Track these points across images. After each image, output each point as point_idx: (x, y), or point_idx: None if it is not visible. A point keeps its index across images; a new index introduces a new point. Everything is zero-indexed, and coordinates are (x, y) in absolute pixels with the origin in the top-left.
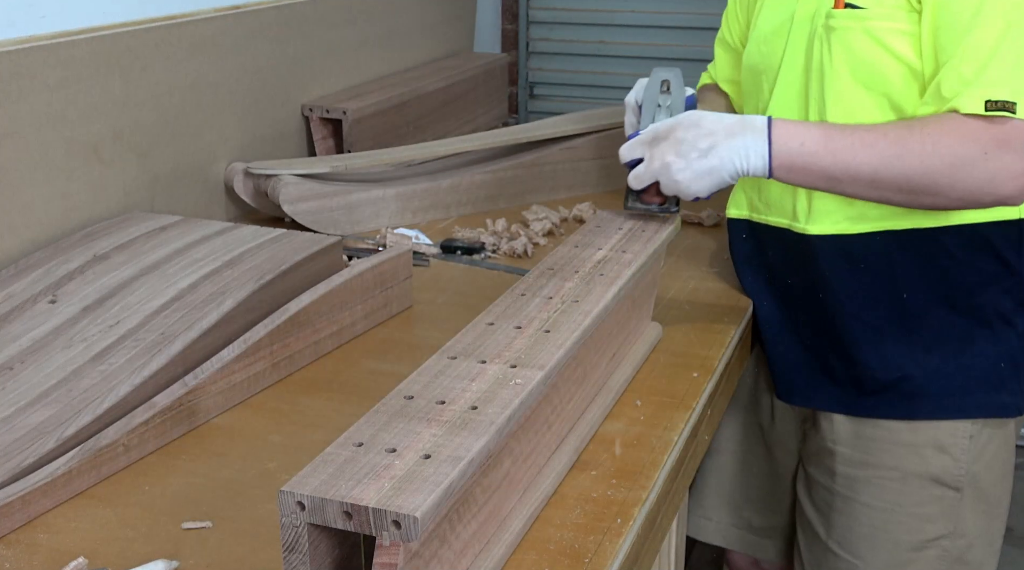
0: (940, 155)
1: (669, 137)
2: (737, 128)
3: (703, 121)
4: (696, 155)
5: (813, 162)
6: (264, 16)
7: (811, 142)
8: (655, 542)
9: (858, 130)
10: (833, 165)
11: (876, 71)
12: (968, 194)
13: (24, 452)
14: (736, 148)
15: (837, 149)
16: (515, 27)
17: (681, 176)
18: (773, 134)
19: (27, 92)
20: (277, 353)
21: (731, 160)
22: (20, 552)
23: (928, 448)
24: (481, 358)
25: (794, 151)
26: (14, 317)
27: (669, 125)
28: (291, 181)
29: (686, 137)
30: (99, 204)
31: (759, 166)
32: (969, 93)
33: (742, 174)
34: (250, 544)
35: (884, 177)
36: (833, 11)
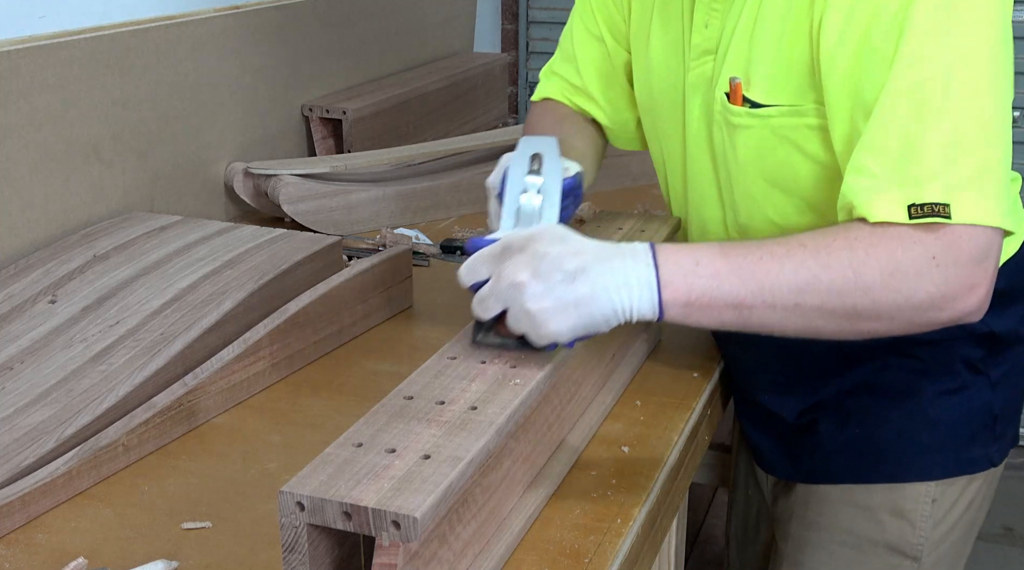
0: (876, 263)
1: (525, 250)
2: (611, 251)
3: (570, 237)
4: (560, 278)
5: (715, 287)
6: (264, 16)
7: (708, 260)
8: (655, 542)
9: (765, 243)
10: (741, 287)
11: (787, 172)
12: (918, 311)
13: (24, 452)
14: (613, 273)
15: (743, 266)
16: (515, 27)
17: (537, 304)
18: (659, 256)
19: (27, 92)
20: (277, 353)
21: (606, 290)
22: (20, 552)
23: (885, 513)
24: (481, 358)
25: (689, 273)
26: (14, 317)
27: (526, 235)
28: (291, 181)
29: (548, 252)
30: (99, 204)
31: (645, 300)
32: (889, 195)
33: (622, 313)
34: (250, 544)
35: (810, 297)
36: (730, 106)
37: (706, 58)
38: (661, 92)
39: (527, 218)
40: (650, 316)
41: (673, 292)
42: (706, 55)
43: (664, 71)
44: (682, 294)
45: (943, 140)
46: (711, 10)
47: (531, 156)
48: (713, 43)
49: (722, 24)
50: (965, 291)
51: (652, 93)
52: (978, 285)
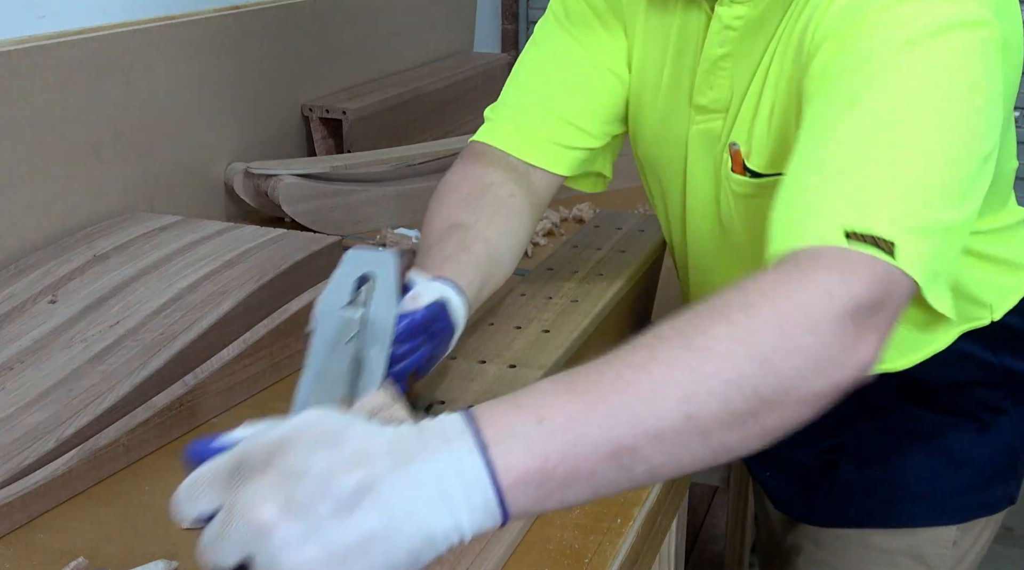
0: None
1: (270, 465)
2: (412, 444)
3: (347, 432)
4: (331, 508)
5: (575, 441)
6: (264, 16)
7: (551, 407)
8: (655, 542)
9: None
10: (613, 425)
11: None
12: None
13: (24, 452)
14: (418, 483)
15: (602, 395)
16: (515, 27)
17: (296, 557)
18: (484, 429)
19: (27, 92)
20: (277, 353)
21: (410, 515)
22: (20, 552)
23: (903, 557)
24: (481, 358)
25: (534, 438)
26: (14, 317)
27: (273, 440)
28: (291, 181)
29: (309, 466)
30: (99, 204)
31: (478, 507)
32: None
33: (445, 541)
34: None
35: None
36: (732, 174)
37: (712, 115)
38: (665, 142)
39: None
40: (491, 526)
41: (518, 476)
42: (712, 113)
43: (673, 122)
44: (533, 473)
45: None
46: (717, 69)
47: (357, 279)
48: (720, 103)
49: (731, 85)
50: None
51: (658, 142)
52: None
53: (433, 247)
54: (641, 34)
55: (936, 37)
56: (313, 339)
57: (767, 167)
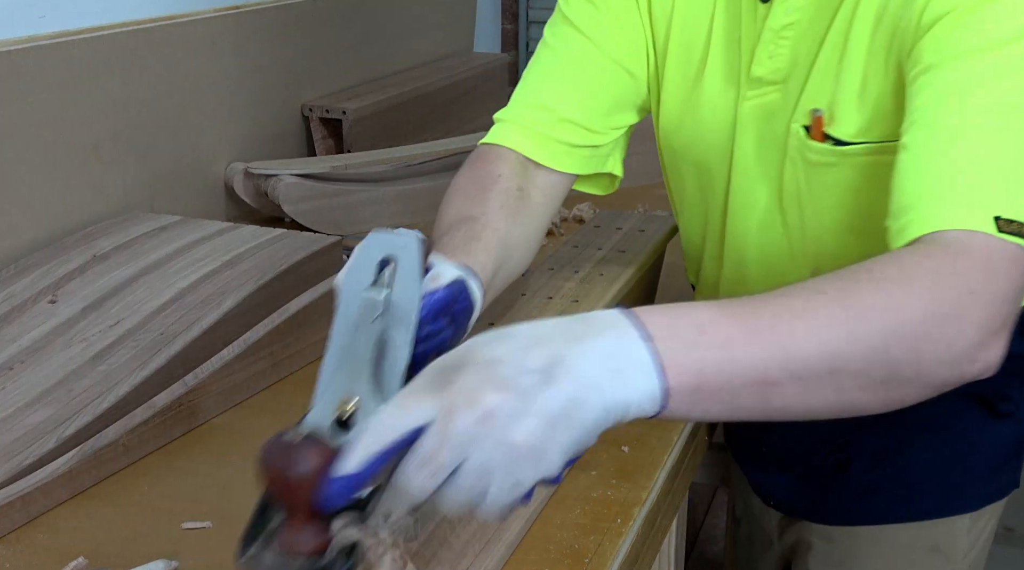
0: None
1: (467, 363)
2: (580, 327)
3: (512, 330)
4: (534, 381)
5: (728, 359)
6: (264, 16)
7: (714, 325)
8: (655, 542)
9: (772, 297)
10: (763, 357)
11: (871, 216)
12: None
13: (24, 452)
14: (597, 356)
15: (759, 328)
16: (515, 27)
17: (524, 429)
18: (648, 324)
19: (27, 92)
20: (277, 353)
21: (595, 384)
22: (20, 552)
23: (919, 550)
24: None
25: (693, 344)
26: (14, 317)
27: (455, 355)
28: (291, 181)
29: (500, 354)
30: (99, 204)
31: (644, 391)
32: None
33: (616, 415)
34: None
35: (848, 360)
36: (810, 142)
37: (768, 88)
38: (707, 126)
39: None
40: (649, 411)
41: (678, 374)
42: (769, 86)
43: (718, 101)
44: (690, 376)
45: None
46: (779, 39)
47: (379, 261)
48: (780, 74)
49: (792, 53)
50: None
51: (698, 127)
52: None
53: (442, 238)
54: (679, 19)
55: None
56: (336, 319)
57: (855, 135)
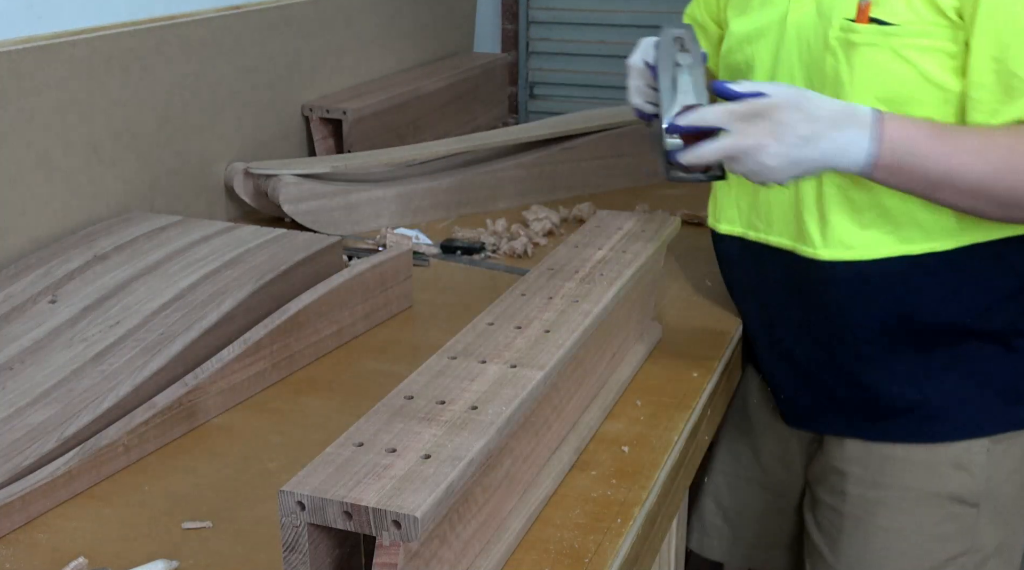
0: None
1: (769, 117)
2: (842, 119)
3: (806, 103)
4: (795, 141)
5: (918, 165)
6: (264, 16)
7: (921, 144)
8: (655, 542)
9: (964, 134)
10: (936, 171)
11: (906, 95)
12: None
13: (24, 452)
14: (840, 143)
15: (944, 154)
16: (515, 27)
17: (774, 161)
18: (885, 133)
19: (27, 92)
20: (277, 353)
21: (830, 154)
22: (20, 552)
23: (945, 466)
24: (481, 358)
25: (900, 151)
26: (14, 317)
27: (768, 103)
28: (291, 181)
29: (788, 119)
30: (99, 204)
31: (860, 163)
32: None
33: (834, 167)
34: (250, 544)
35: (987, 189)
36: (855, 25)
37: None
38: (756, 28)
39: (683, 85)
40: (857, 172)
41: (883, 162)
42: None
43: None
44: (888, 163)
45: None
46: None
47: (675, 38)
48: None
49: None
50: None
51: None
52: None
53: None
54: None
55: None
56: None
57: (895, 17)
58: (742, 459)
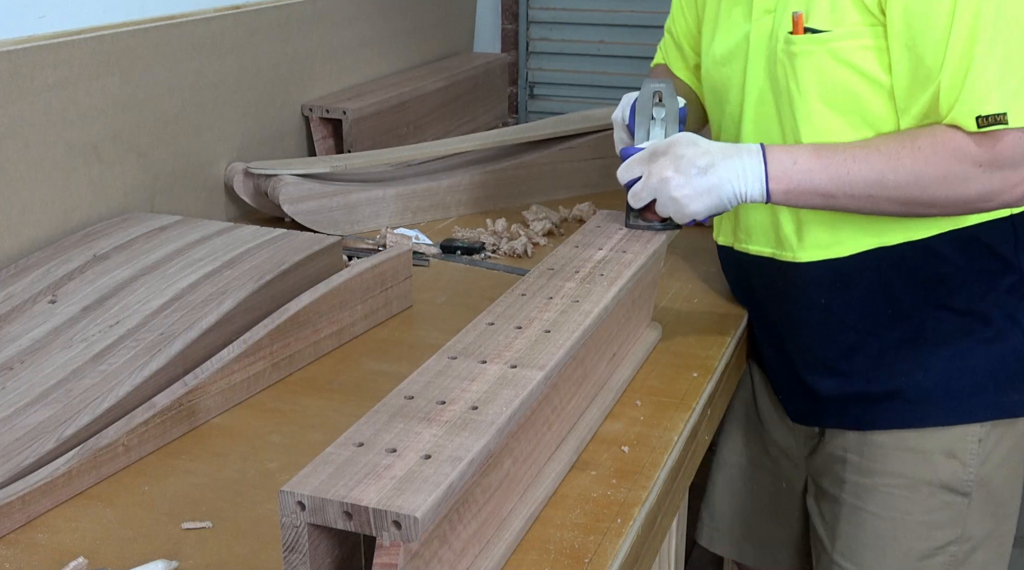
0: (934, 169)
1: (668, 153)
2: (732, 150)
3: (700, 140)
4: (695, 172)
5: (808, 180)
6: (264, 16)
7: (804, 159)
8: (655, 542)
9: (849, 146)
10: (828, 181)
11: (846, 93)
12: (966, 205)
13: (24, 452)
14: (734, 168)
15: (831, 165)
16: (515, 27)
17: (680, 193)
18: (768, 156)
19: (27, 92)
20: (277, 353)
21: (730, 180)
22: (20, 552)
23: (937, 454)
24: (481, 358)
25: (788, 169)
26: (14, 317)
27: (667, 142)
28: (291, 181)
29: (685, 153)
30: (99, 204)
31: (757, 188)
32: (959, 109)
33: (740, 197)
34: (250, 544)
35: (879, 191)
36: (793, 36)
37: (767, 16)
38: (728, 50)
39: (655, 139)
40: (760, 199)
41: (776, 183)
42: (767, 13)
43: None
44: (783, 184)
45: (998, 61)
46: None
47: (653, 92)
48: (773, 3)
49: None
50: (1008, 188)
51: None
52: (1020, 183)
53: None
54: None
55: None
56: (636, 128)
57: (825, 24)
58: (752, 451)
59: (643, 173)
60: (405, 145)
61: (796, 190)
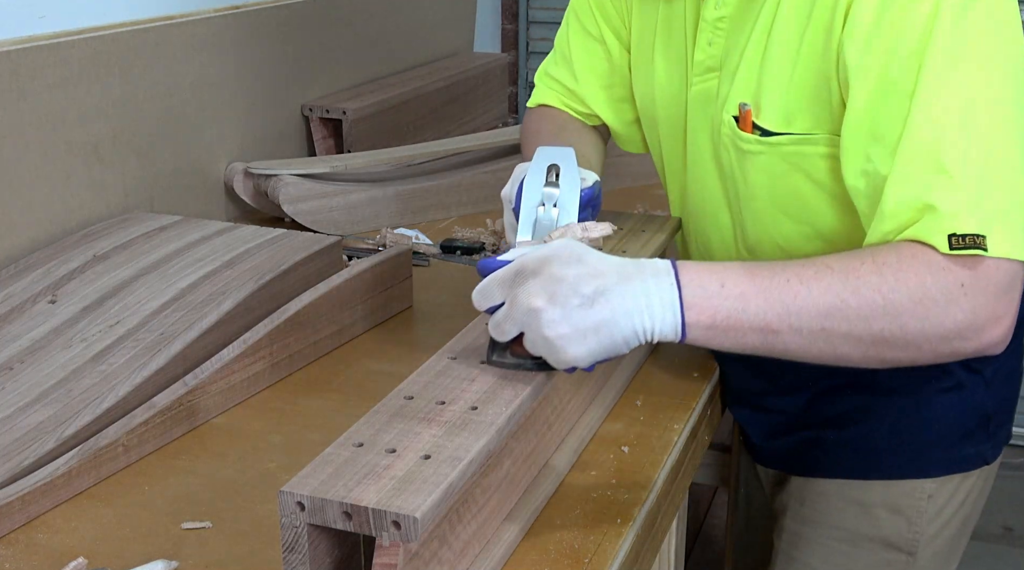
0: (906, 289)
1: (540, 273)
2: (631, 271)
3: (587, 257)
4: (578, 303)
5: (740, 309)
6: (264, 16)
7: (734, 281)
8: (655, 542)
9: (791, 265)
10: (767, 310)
11: (797, 200)
12: (942, 342)
13: (24, 452)
14: (634, 295)
15: (770, 288)
16: (515, 27)
17: (554, 331)
18: (682, 276)
19: (27, 92)
20: (277, 353)
21: (627, 313)
22: (20, 552)
23: (881, 509)
24: (481, 358)
25: (713, 295)
26: (14, 317)
27: (540, 257)
28: (291, 181)
29: (565, 275)
30: (99, 204)
31: (668, 323)
32: (926, 222)
33: (642, 336)
34: (250, 544)
35: (837, 322)
36: (740, 132)
37: (710, 75)
38: (663, 104)
39: (544, 232)
40: (672, 338)
41: (697, 314)
42: (710, 72)
43: (666, 83)
44: (706, 316)
45: (976, 171)
46: (715, 28)
47: (548, 167)
48: (717, 61)
49: (726, 43)
50: (992, 322)
51: (655, 103)
52: (1003, 316)
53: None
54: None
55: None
56: (521, 211)
57: (777, 126)
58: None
59: (506, 298)
60: (405, 145)
61: (723, 325)
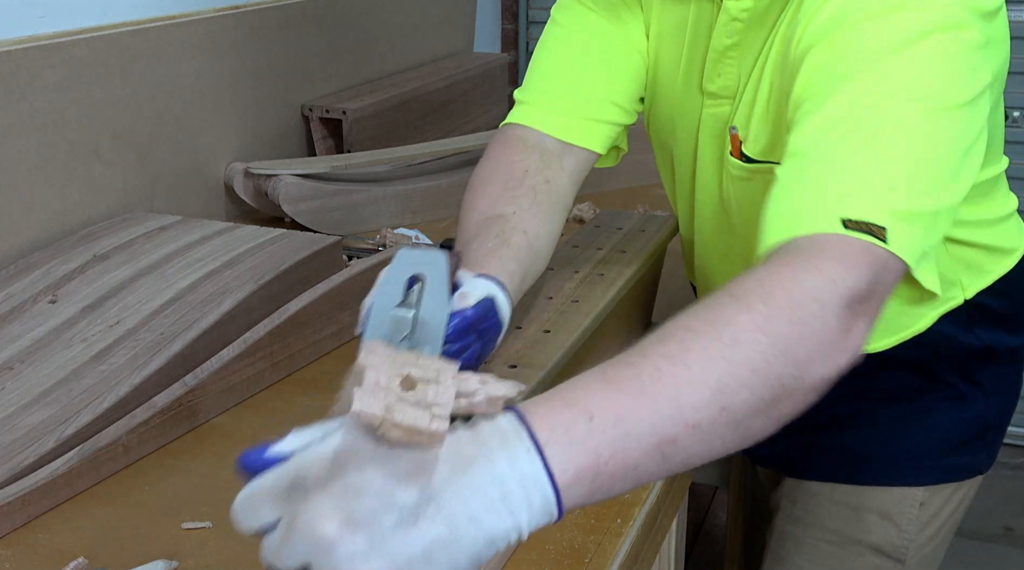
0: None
1: (329, 483)
2: (470, 449)
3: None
4: (394, 521)
5: (625, 436)
6: (264, 16)
7: (601, 404)
8: (655, 542)
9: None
10: (656, 418)
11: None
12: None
13: (24, 452)
14: (480, 491)
15: (643, 389)
16: (515, 27)
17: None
18: (537, 430)
19: (27, 92)
20: (277, 353)
21: (473, 521)
22: (20, 552)
23: (871, 514)
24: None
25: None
26: (14, 317)
27: (328, 455)
28: (291, 181)
29: (368, 484)
30: (99, 204)
31: (537, 507)
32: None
33: (505, 542)
34: (250, 544)
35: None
36: (730, 157)
37: (721, 101)
38: (679, 125)
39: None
40: (547, 522)
41: (575, 474)
42: (721, 99)
43: (685, 104)
44: (587, 469)
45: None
46: (726, 58)
47: (408, 279)
48: (728, 90)
49: (737, 73)
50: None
51: (672, 124)
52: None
53: (472, 242)
54: (656, 20)
55: (921, 40)
56: (364, 338)
57: (761, 154)
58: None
59: (281, 518)
60: (405, 145)
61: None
